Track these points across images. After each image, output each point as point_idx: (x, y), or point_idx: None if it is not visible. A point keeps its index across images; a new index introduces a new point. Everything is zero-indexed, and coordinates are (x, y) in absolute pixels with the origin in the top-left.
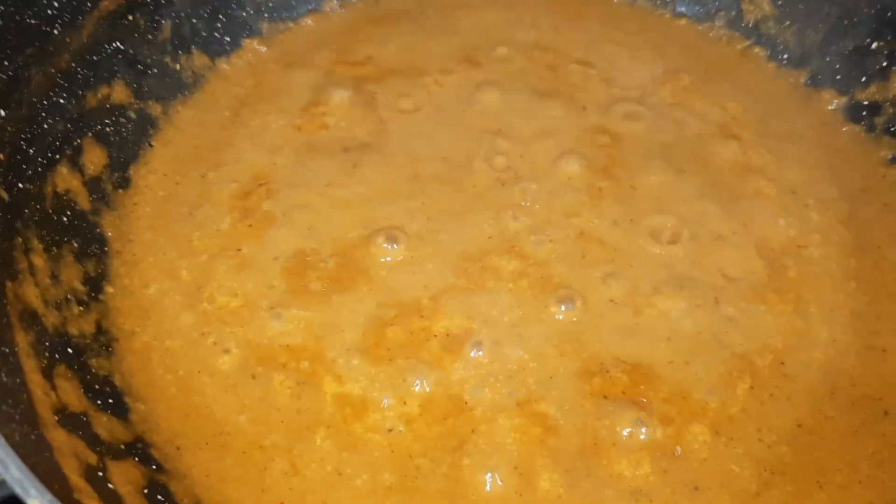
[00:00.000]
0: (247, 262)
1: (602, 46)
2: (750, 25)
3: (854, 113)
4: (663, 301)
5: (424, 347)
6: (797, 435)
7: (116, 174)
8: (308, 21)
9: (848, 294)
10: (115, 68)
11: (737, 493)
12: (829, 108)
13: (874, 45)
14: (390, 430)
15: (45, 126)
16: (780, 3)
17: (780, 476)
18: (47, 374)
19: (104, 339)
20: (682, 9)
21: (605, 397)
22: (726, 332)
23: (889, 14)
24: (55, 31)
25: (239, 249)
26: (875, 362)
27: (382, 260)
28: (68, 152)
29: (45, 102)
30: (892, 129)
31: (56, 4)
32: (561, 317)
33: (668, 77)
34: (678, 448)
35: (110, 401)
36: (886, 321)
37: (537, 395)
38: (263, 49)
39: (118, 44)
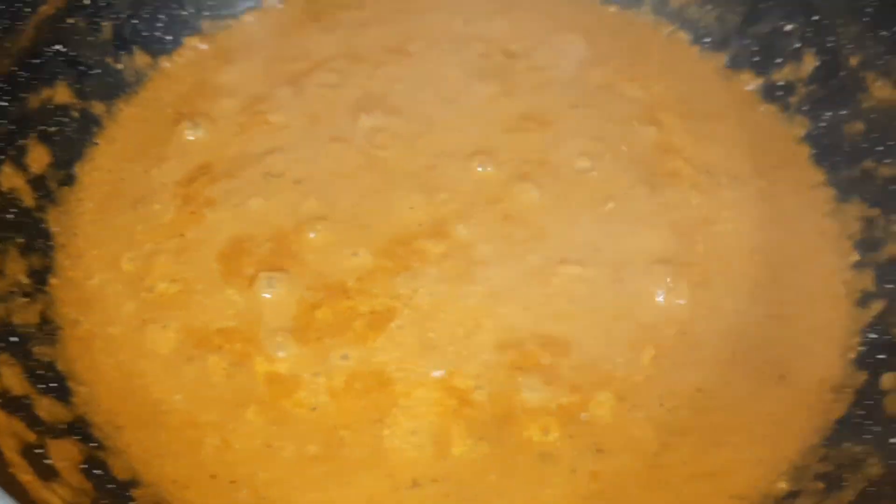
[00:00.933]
0: (187, 247)
1: (533, 34)
2: (675, 10)
3: (770, 93)
4: (575, 274)
5: (350, 327)
6: (697, 399)
7: (61, 172)
8: (248, 18)
9: (754, 266)
10: (57, 70)
11: (638, 453)
12: (748, 88)
13: (787, 28)
14: (315, 406)
15: None
16: None
17: (680, 437)
18: None
19: (48, 328)
20: None
21: (518, 368)
22: (634, 304)
23: None
24: None
25: (182, 235)
26: (775, 329)
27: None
28: (11, 153)
29: None
30: (805, 108)
31: None
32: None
33: (597, 62)
34: (583, 414)
35: (52, 384)
36: (787, 291)
37: (455, 368)
38: (205, 47)
39: (59, 46)
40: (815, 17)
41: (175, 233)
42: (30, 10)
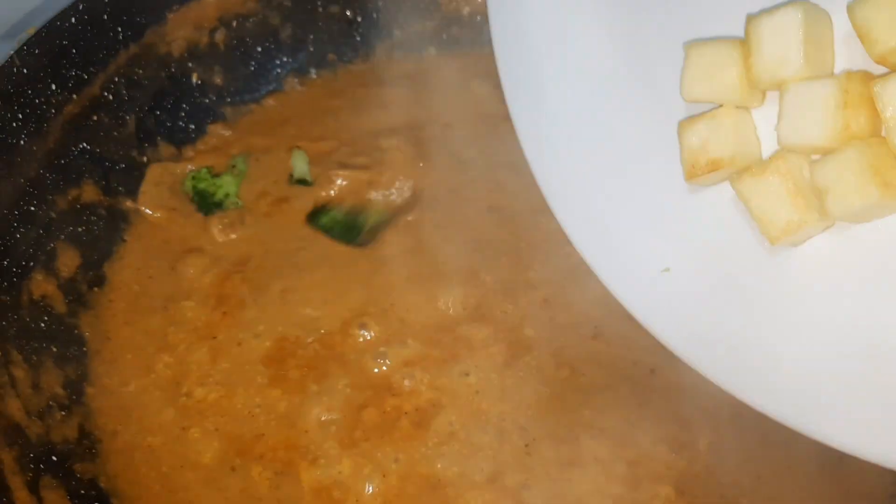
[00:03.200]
0: (222, 350)
1: None
2: None
3: None
4: None
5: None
6: None
7: (91, 273)
8: (270, 101)
9: None
10: (83, 169)
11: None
12: None
13: None
14: None
15: (18, 236)
16: None
17: None
18: (33, 488)
19: (87, 443)
20: None
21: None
22: None
23: None
24: (21, 142)
25: (214, 337)
26: None
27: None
28: (42, 258)
29: (15, 213)
30: None
31: (20, 116)
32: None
33: None
34: None
35: None
36: None
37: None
38: (228, 133)
39: (84, 144)
40: None
41: (209, 334)
42: (55, 111)
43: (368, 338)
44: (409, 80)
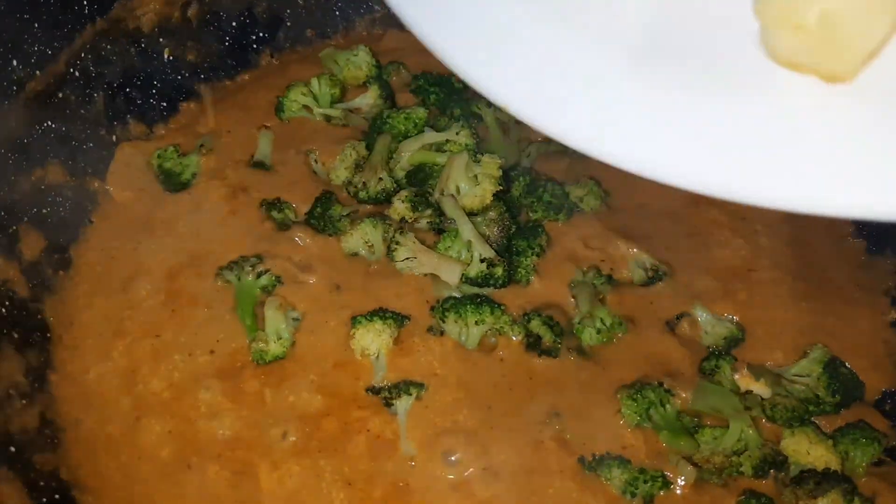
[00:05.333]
0: (168, 349)
1: None
2: None
3: None
4: None
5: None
6: None
7: (56, 256)
8: (245, 78)
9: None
10: (48, 148)
11: None
12: None
13: None
14: None
15: None
16: None
17: None
18: None
19: (49, 432)
20: None
21: None
22: None
23: None
24: None
25: (158, 336)
26: None
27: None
28: (3, 241)
29: None
30: None
31: None
32: None
33: None
34: None
35: (56, 496)
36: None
37: None
38: (200, 111)
39: (49, 123)
40: None
41: (153, 331)
42: (17, 88)
43: None
44: (392, 57)
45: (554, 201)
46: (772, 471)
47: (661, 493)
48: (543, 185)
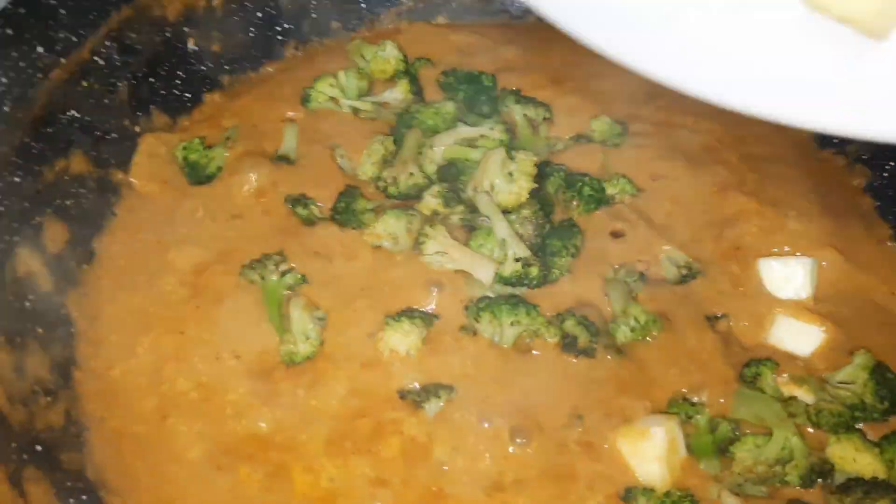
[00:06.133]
0: (194, 347)
1: (572, 70)
2: None
3: (826, 140)
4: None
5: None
6: None
7: (79, 248)
8: (269, 69)
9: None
10: (72, 138)
11: None
12: (803, 134)
13: None
14: None
15: (1, 209)
16: None
17: None
18: (15, 480)
19: (74, 430)
20: None
21: None
22: None
23: None
24: (5, 108)
25: (182, 332)
26: None
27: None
28: (27, 232)
29: None
30: (864, 157)
31: (4, 80)
32: None
33: (648, 98)
34: None
35: (83, 497)
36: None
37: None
38: (224, 102)
39: (73, 112)
40: None
41: (176, 329)
42: (42, 75)
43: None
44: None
45: (595, 195)
46: (818, 479)
47: None
48: (581, 179)
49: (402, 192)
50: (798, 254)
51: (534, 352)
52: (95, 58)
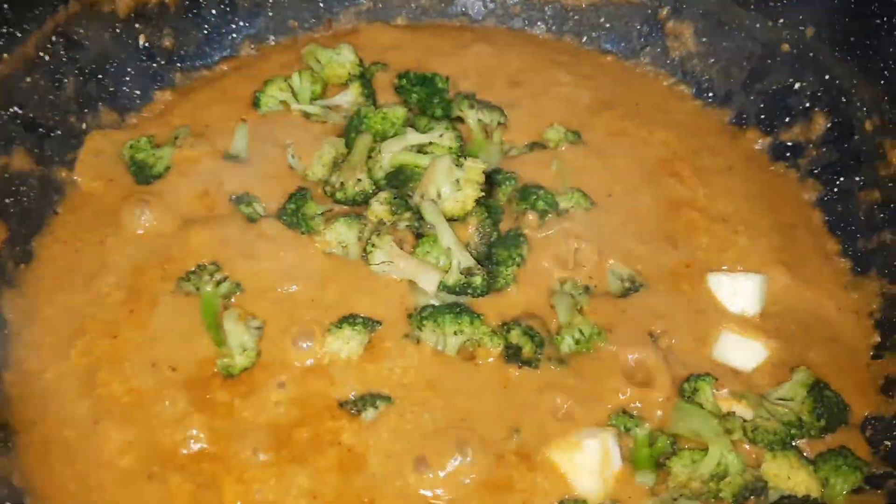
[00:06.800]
0: (129, 352)
1: (530, 77)
2: (675, 62)
3: (779, 153)
4: None
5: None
6: None
7: (18, 248)
8: (223, 67)
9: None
10: (14, 134)
11: None
12: (755, 147)
13: (797, 86)
14: None
15: None
16: (703, 39)
17: None
18: None
19: (3, 435)
20: (608, 45)
21: None
22: None
23: (810, 55)
24: None
25: (115, 336)
26: None
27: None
28: None
29: None
30: (815, 171)
31: None
32: None
33: (603, 107)
34: None
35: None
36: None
37: None
38: (175, 100)
39: (16, 108)
40: (826, 77)
41: (110, 333)
42: None
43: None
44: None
45: (548, 209)
46: (751, 497)
47: None
48: (536, 192)
49: (349, 197)
50: (747, 271)
51: (478, 361)
52: (41, 53)
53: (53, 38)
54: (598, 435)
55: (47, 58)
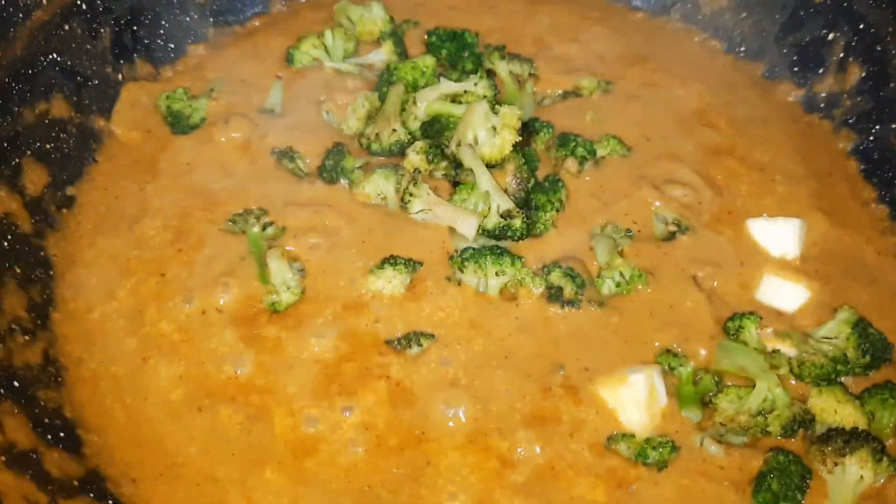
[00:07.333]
0: (177, 290)
1: (560, 32)
2: (706, 18)
3: (812, 104)
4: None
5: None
6: None
7: (59, 193)
8: (255, 23)
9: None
10: (53, 81)
11: None
12: (789, 99)
13: (830, 37)
14: (347, 463)
15: None
16: None
17: None
18: None
19: (52, 370)
20: (638, 2)
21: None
22: None
23: (845, 4)
24: None
25: (162, 274)
26: None
27: None
28: (6, 173)
29: None
30: (850, 120)
31: None
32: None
33: (635, 61)
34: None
35: (61, 434)
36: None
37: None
38: (209, 54)
39: (55, 55)
40: (861, 26)
41: (157, 271)
42: (22, 15)
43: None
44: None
45: (587, 156)
46: (800, 430)
47: (672, 455)
48: (574, 139)
49: (384, 148)
50: (786, 216)
51: (519, 301)
52: (78, 1)
53: None
54: (643, 371)
55: (84, 6)
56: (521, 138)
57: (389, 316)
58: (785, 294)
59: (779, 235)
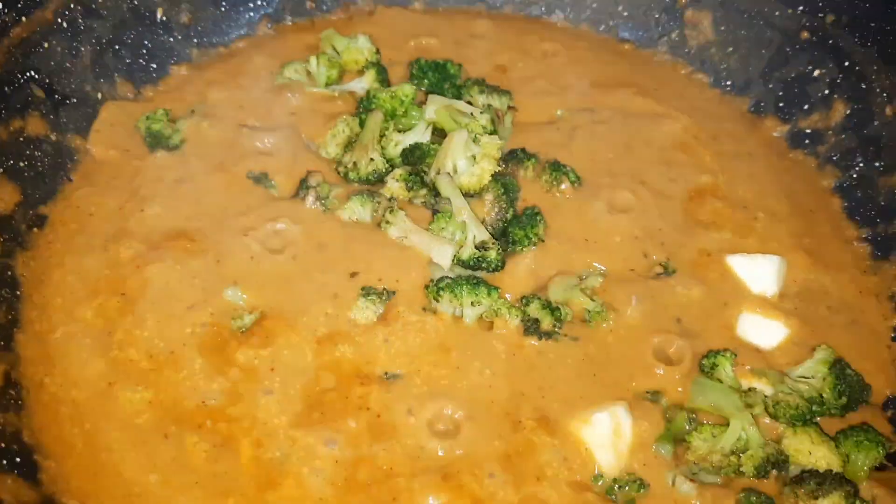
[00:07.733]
0: (147, 314)
1: (549, 61)
2: (693, 51)
3: (797, 140)
4: None
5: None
6: None
7: (31, 212)
8: (240, 45)
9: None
10: (30, 99)
11: None
12: (774, 134)
13: (816, 73)
14: (312, 499)
15: None
16: (722, 28)
17: None
18: None
19: (13, 393)
20: (626, 34)
21: None
22: None
23: (830, 41)
24: None
25: (130, 298)
26: None
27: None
28: None
29: None
30: (834, 157)
31: None
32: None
33: (618, 90)
34: None
35: (17, 460)
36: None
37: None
38: (191, 76)
39: (32, 73)
40: (846, 63)
41: (122, 293)
42: (0, 32)
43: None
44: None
45: (577, 182)
46: (773, 470)
47: (641, 492)
48: (565, 168)
49: (361, 177)
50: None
51: (496, 331)
52: (59, 19)
53: (72, 5)
54: (608, 409)
55: (65, 24)
56: (500, 168)
57: (363, 344)
58: (763, 331)
59: (758, 272)
